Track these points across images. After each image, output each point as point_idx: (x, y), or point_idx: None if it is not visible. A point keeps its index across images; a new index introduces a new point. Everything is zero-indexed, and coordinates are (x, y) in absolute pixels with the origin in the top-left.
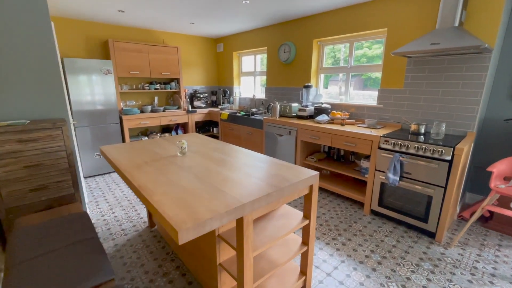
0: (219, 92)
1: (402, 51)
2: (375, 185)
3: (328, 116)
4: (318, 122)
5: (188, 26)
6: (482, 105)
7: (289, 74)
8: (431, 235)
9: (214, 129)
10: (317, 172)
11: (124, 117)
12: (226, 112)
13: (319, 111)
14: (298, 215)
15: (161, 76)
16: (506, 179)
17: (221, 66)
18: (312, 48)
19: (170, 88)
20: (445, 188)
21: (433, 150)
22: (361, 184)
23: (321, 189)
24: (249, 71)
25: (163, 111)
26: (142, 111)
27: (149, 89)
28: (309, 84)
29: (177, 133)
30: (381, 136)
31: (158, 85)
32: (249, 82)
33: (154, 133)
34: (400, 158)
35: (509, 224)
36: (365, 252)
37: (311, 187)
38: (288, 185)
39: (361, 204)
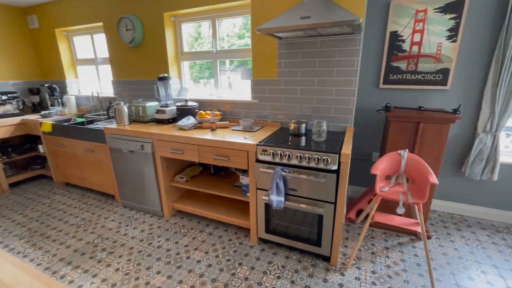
0: (43, 90)
1: (267, 27)
2: (258, 207)
3: (195, 118)
4: (182, 128)
5: None
6: (356, 95)
7: (140, 61)
8: (326, 258)
9: (40, 146)
10: None
11: None
12: (49, 121)
13: (182, 112)
14: None
15: None
16: (388, 178)
17: (42, 50)
18: (164, 26)
19: None
20: (335, 203)
21: (318, 158)
22: (246, 204)
23: (198, 217)
24: (89, 58)
25: None
26: None
27: None
28: (166, 75)
29: None
30: (257, 144)
31: None
32: (94, 74)
33: None
34: (283, 173)
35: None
36: None
37: None
38: None
39: (247, 231)
